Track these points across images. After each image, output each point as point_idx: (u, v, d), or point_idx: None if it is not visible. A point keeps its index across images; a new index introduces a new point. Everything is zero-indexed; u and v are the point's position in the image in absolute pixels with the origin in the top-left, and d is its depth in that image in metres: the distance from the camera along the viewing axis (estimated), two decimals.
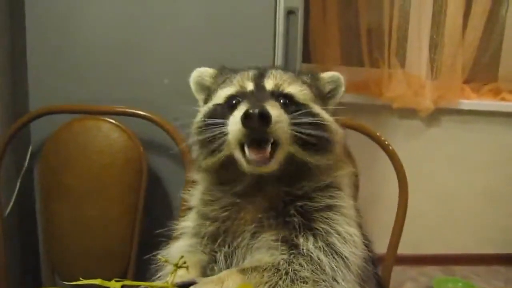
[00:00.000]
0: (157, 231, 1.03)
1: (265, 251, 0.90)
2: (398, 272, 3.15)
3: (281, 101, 0.90)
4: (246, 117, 0.81)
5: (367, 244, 0.99)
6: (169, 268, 0.87)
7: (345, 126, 1.73)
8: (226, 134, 0.87)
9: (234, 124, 0.85)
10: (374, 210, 1.10)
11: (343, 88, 0.95)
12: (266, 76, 0.93)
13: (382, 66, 3.18)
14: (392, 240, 1.64)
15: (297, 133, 0.87)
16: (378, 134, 1.68)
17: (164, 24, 1.84)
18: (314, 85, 0.98)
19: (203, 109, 0.98)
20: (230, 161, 0.91)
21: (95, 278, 0.82)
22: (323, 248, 0.89)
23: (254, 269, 0.85)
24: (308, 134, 0.87)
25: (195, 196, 1.04)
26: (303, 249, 0.88)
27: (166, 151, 1.82)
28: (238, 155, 0.87)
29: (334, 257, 0.89)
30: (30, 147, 1.89)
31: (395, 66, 3.19)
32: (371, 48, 3.20)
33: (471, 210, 3.46)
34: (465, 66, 3.27)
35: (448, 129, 3.36)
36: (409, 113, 3.26)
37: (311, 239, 0.90)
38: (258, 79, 0.93)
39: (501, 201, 3.43)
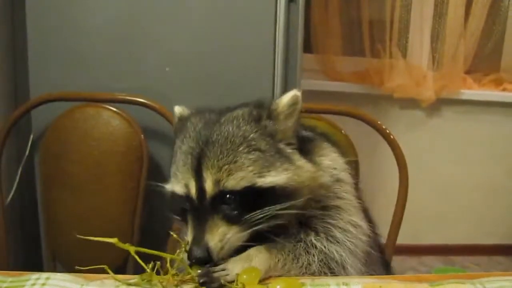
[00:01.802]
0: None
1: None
2: (398, 262, 3.15)
3: (224, 207, 0.86)
4: (190, 259, 0.84)
5: (372, 228, 0.99)
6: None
7: (345, 114, 1.74)
8: None
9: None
10: (374, 199, 1.10)
11: (299, 105, 0.92)
12: (204, 170, 0.88)
13: (384, 56, 3.17)
14: (392, 228, 1.65)
15: (251, 229, 0.85)
16: (379, 122, 1.68)
17: (166, 12, 1.84)
18: (269, 128, 0.91)
19: (169, 185, 0.97)
20: None
21: (96, 265, 0.82)
22: (326, 238, 0.90)
23: (281, 251, 0.88)
24: (263, 223, 0.85)
25: None
26: (305, 242, 0.90)
27: (167, 139, 1.82)
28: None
29: (338, 246, 0.90)
30: (31, 134, 1.89)
31: (397, 56, 3.18)
32: (372, 38, 3.18)
33: (471, 200, 3.45)
34: (467, 57, 3.25)
35: (450, 120, 3.35)
36: (410, 103, 3.24)
37: (312, 233, 0.91)
38: (198, 176, 0.88)
39: (502, 190, 3.43)
